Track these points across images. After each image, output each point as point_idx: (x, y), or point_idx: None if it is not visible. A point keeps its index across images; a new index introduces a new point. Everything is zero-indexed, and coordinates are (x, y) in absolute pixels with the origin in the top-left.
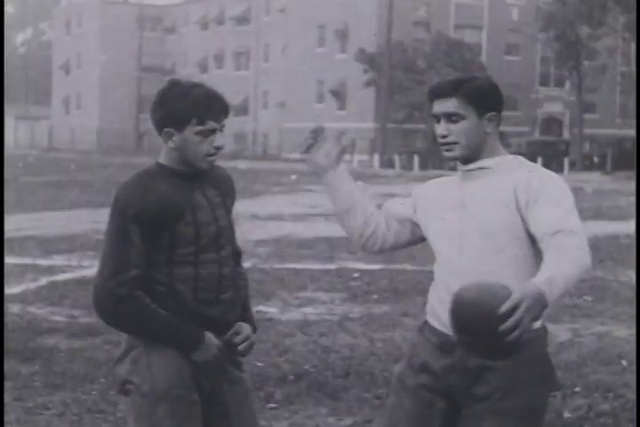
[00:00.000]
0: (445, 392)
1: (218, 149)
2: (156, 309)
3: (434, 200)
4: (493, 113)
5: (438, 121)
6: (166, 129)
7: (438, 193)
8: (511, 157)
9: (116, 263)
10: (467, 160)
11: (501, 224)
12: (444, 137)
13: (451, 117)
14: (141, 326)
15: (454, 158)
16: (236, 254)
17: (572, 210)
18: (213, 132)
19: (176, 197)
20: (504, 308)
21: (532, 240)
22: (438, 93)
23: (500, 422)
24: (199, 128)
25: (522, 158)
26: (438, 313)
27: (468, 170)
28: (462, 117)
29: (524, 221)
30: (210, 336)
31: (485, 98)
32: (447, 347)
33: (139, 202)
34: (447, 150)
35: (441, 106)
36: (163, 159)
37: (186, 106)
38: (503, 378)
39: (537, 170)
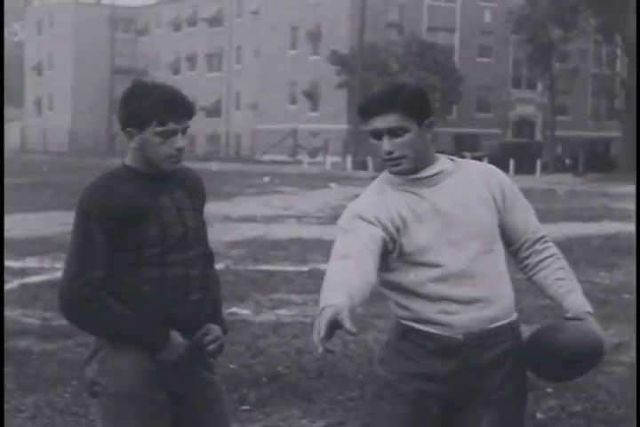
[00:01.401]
0: (444, 396)
1: (179, 150)
2: (120, 309)
3: (408, 211)
4: (430, 119)
5: (377, 137)
6: (128, 129)
7: (395, 204)
8: (445, 158)
9: (79, 264)
10: (414, 170)
11: (488, 223)
12: (389, 153)
13: (395, 132)
14: (106, 326)
15: (403, 172)
16: (208, 256)
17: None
18: (175, 133)
19: (140, 198)
20: (591, 338)
21: (502, 234)
22: (375, 110)
23: (499, 411)
24: (159, 129)
25: (448, 156)
26: (441, 320)
27: (423, 177)
28: (406, 130)
29: (499, 217)
30: (176, 336)
31: (421, 106)
32: (451, 350)
33: (102, 202)
34: (395, 165)
35: (382, 122)
36: (129, 160)
37: (146, 107)
38: (504, 371)
39: (487, 167)
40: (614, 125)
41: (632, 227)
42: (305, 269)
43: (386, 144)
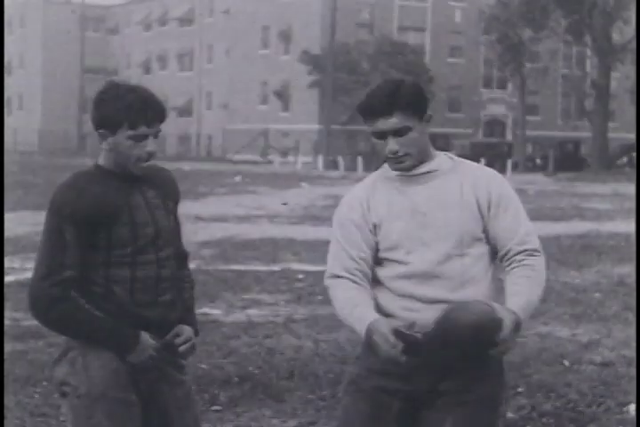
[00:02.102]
0: (406, 393)
1: (150, 154)
2: (90, 310)
3: (387, 208)
4: (428, 113)
5: (380, 137)
6: (101, 130)
7: (382, 200)
8: (445, 155)
9: (49, 264)
10: (416, 167)
11: (464, 227)
12: (395, 152)
13: (399, 132)
14: (75, 327)
15: (406, 169)
16: (181, 256)
17: (527, 220)
18: (146, 137)
19: (112, 198)
20: (503, 336)
21: (488, 240)
22: (377, 112)
23: (465, 413)
24: (131, 133)
25: (454, 156)
26: (404, 317)
27: (413, 175)
28: (409, 129)
29: (484, 223)
30: (146, 337)
31: (420, 102)
32: (414, 349)
33: (73, 202)
34: (399, 163)
35: (386, 124)
36: (101, 161)
37: (118, 110)
38: (470, 373)
39: (485, 169)
40: (584, 125)
41: (601, 226)
42: (276, 268)
43: (392, 144)
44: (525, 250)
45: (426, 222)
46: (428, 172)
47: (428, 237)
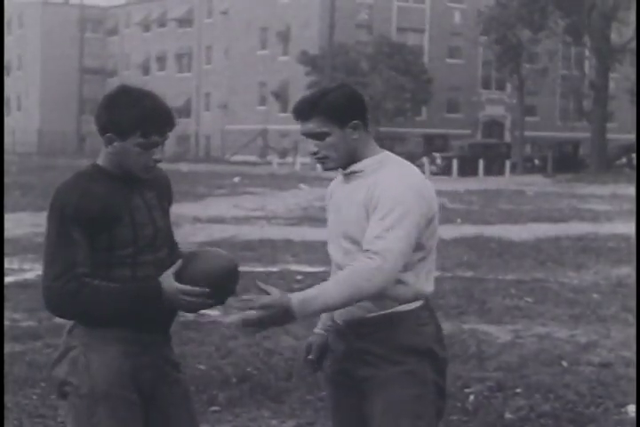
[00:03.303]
0: (350, 375)
1: (157, 161)
2: (107, 285)
3: (330, 201)
4: (356, 121)
5: (306, 137)
6: (108, 135)
7: (333, 194)
8: (379, 157)
9: (61, 264)
10: (343, 167)
11: (358, 226)
12: (314, 153)
13: (316, 136)
14: (105, 306)
15: (329, 169)
16: (176, 257)
17: (395, 226)
18: (156, 145)
19: (114, 199)
20: (258, 304)
21: None
22: (298, 115)
23: (386, 390)
24: (142, 141)
25: (390, 156)
26: None
27: (345, 173)
28: (327, 134)
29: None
30: (166, 279)
31: (342, 111)
32: (340, 334)
33: (77, 203)
34: (321, 163)
35: (304, 127)
36: (101, 161)
37: (132, 117)
38: (379, 357)
39: (387, 174)
40: (583, 126)
41: (600, 227)
42: (275, 269)
43: (312, 146)
44: (367, 250)
45: (339, 218)
46: (353, 172)
47: (338, 231)
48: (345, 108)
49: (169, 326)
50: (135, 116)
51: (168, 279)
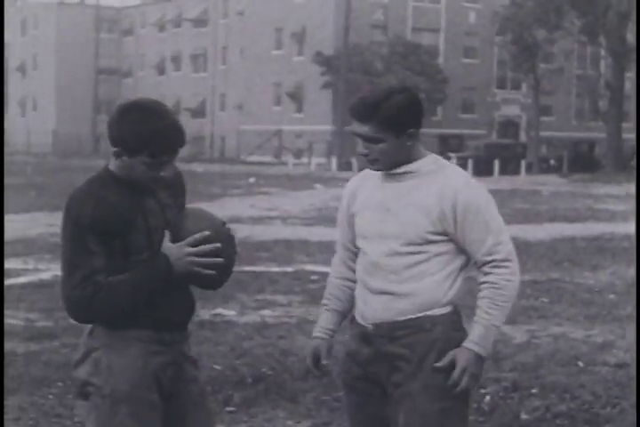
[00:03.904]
0: (374, 380)
1: (165, 178)
2: (117, 278)
3: (363, 198)
4: (412, 130)
5: (356, 136)
6: (117, 149)
7: (365, 191)
8: (430, 159)
9: (79, 274)
10: (390, 169)
11: (417, 229)
12: (365, 154)
13: (369, 139)
14: (122, 296)
15: (377, 170)
16: None
17: (501, 227)
18: (164, 164)
19: (126, 206)
20: (451, 381)
21: (453, 242)
22: (355, 115)
23: (413, 402)
24: (148, 160)
25: (441, 159)
26: (359, 307)
27: (393, 173)
28: (381, 140)
29: (446, 230)
30: (167, 246)
31: (401, 120)
32: (367, 338)
33: (92, 213)
34: (370, 163)
35: (357, 128)
36: (112, 167)
37: (139, 137)
38: (413, 363)
39: (453, 179)
40: (598, 126)
41: (616, 227)
42: (290, 269)
43: (362, 147)
44: (493, 260)
45: (387, 217)
46: (405, 172)
47: (384, 231)
48: (404, 117)
49: (187, 324)
50: (142, 136)
51: (166, 244)
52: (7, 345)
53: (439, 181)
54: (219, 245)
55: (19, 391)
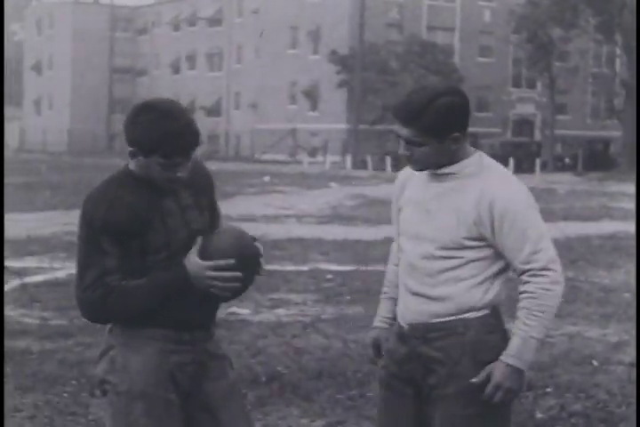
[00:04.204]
0: (409, 379)
1: (180, 178)
2: (133, 283)
3: (409, 194)
4: (456, 134)
5: (397, 136)
6: (132, 149)
7: (412, 187)
8: (474, 159)
9: (91, 275)
10: (431, 169)
11: (452, 233)
12: (407, 156)
13: (412, 142)
14: (135, 301)
15: (417, 171)
16: None
17: (541, 233)
18: (178, 165)
19: (143, 206)
20: (485, 396)
21: (491, 247)
22: (398, 117)
23: (447, 406)
24: (162, 161)
25: (485, 159)
26: (399, 306)
27: (436, 173)
28: (422, 144)
29: (483, 235)
30: (192, 260)
31: (444, 126)
32: (403, 337)
33: (105, 215)
34: (412, 165)
35: (400, 130)
36: (132, 166)
37: (153, 139)
38: (446, 367)
39: (499, 182)
40: (614, 124)
41: (631, 226)
42: (305, 268)
43: (402, 148)
44: (530, 269)
45: (424, 219)
46: (448, 173)
47: (421, 232)
48: (448, 122)
49: (209, 323)
50: (156, 137)
51: (191, 259)
52: (22, 343)
53: (478, 185)
54: (239, 274)
55: (34, 390)
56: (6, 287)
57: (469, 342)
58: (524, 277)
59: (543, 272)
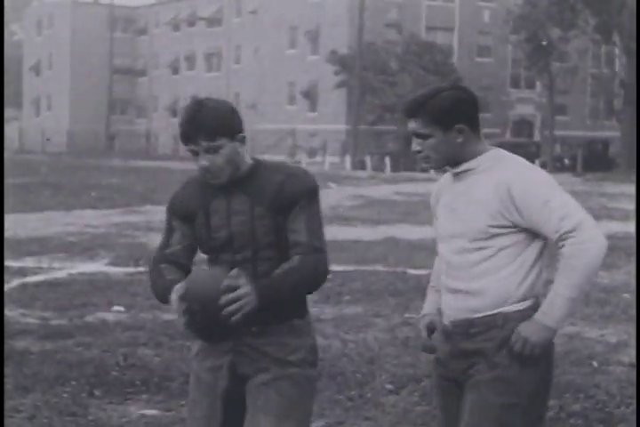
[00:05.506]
0: (454, 379)
1: (202, 168)
2: (158, 272)
3: (440, 200)
4: (461, 125)
5: (412, 135)
6: None
7: (442, 193)
8: (491, 153)
9: (159, 246)
10: (451, 165)
11: (479, 224)
12: (417, 152)
13: (420, 135)
14: (151, 286)
15: (432, 168)
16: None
17: (564, 204)
18: (195, 153)
19: (192, 202)
20: (514, 352)
21: (518, 232)
22: (405, 113)
23: (480, 392)
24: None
25: (503, 152)
26: (441, 305)
27: (456, 172)
28: (428, 135)
29: (512, 221)
30: (176, 289)
31: (447, 115)
32: (446, 335)
33: (171, 200)
34: (423, 162)
35: (409, 125)
36: None
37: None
38: (486, 358)
39: (511, 171)
40: (613, 125)
41: (631, 227)
42: None
43: (413, 144)
44: (561, 235)
45: (453, 217)
46: (464, 171)
47: (452, 230)
48: (450, 112)
49: (232, 335)
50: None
51: (175, 290)
52: (22, 344)
53: (495, 175)
54: (182, 318)
55: (33, 390)
56: (6, 287)
57: (507, 336)
58: (559, 245)
59: (572, 233)
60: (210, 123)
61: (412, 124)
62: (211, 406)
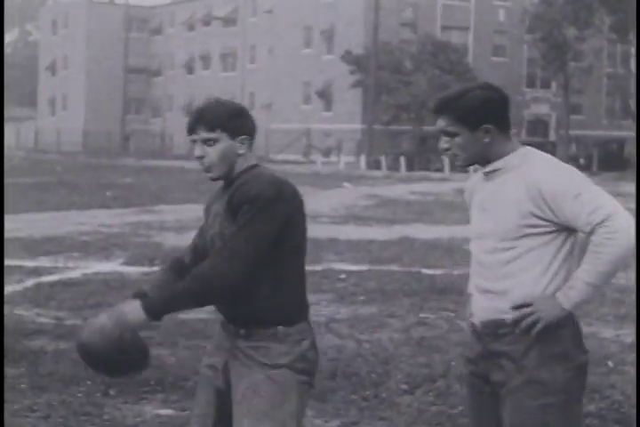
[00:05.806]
0: (484, 378)
1: (197, 159)
2: (165, 268)
3: (473, 200)
4: (487, 125)
5: (440, 133)
6: None
7: (474, 193)
8: (520, 152)
9: None
10: (480, 163)
11: (510, 223)
12: (445, 149)
13: (447, 133)
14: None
15: (461, 166)
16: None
17: (595, 196)
18: (194, 142)
19: (207, 202)
20: (523, 324)
21: (548, 233)
22: (433, 110)
23: (516, 398)
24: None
25: (529, 151)
26: (471, 305)
27: (486, 172)
28: (455, 134)
29: (546, 219)
30: (130, 306)
31: (473, 114)
32: (477, 335)
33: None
34: (453, 160)
35: (438, 122)
36: None
37: None
38: (515, 361)
39: (538, 168)
40: (628, 124)
41: None
42: (318, 268)
43: (441, 142)
44: (592, 227)
45: (484, 217)
46: (494, 170)
47: (482, 230)
48: (477, 112)
49: (236, 322)
50: None
51: (134, 306)
52: (36, 343)
53: (523, 174)
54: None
55: (48, 390)
56: (21, 286)
57: (538, 337)
58: (590, 238)
59: (602, 224)
60: (212, 115)
61: (440, 122)
62: (207, 404)
